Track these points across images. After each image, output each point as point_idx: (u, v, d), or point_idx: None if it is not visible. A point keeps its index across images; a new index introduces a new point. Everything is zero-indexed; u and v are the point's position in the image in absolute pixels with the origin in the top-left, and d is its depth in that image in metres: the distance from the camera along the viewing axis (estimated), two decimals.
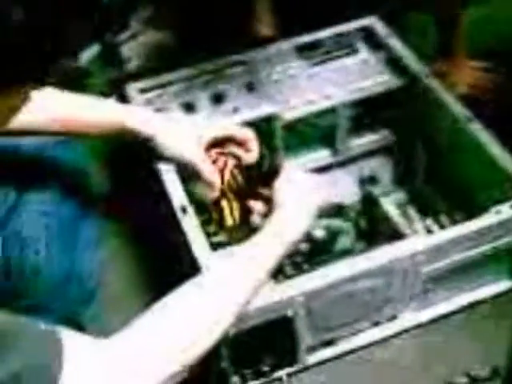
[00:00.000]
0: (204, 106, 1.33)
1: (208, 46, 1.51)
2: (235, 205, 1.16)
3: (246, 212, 1.15)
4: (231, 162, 1.12)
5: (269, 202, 1.09)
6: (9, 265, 1.12)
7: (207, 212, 1.20)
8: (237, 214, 1.15)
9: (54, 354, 0.74)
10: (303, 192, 1.07)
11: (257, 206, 1.11)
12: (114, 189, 1.45)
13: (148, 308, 0.87)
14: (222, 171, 1.12)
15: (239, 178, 1.14)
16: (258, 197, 1.11)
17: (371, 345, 1.17)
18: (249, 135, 1.13)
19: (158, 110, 1.32)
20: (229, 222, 1.15)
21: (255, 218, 1.13)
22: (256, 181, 1.14)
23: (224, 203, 1.16)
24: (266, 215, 1.08)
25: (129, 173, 1.43)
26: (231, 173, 1.13)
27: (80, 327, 0.80)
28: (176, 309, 0.89)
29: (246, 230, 1.13)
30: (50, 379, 0.73)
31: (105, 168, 1.45)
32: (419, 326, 1.19)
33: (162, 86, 1.35)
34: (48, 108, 1.08)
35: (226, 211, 1.16)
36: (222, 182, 1.14)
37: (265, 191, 1.11)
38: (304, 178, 1.10)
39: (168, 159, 1.13)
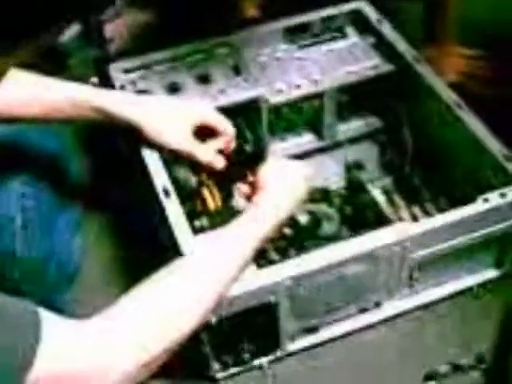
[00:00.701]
0: (189, 87, 1.30)
1: (193, 26, 1.48)
2: (216, 191, 1.15)
3: (229, 196, 1.14)
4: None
5: (253, 185, 1.08)
6: None
7: (190, 198, 1.19)
8: (218, 198, 1.15)
9: (31, 333, 0.74)
10: (288, 176, 1.06)
11: (242, 188, 1.10)
12: (95, 173, 1.42)
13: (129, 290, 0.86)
14: None
15: None
16: (242, 180, 1.10)
17: (355, 332, 1.16)
18: (228, 128, 1.12)
19: (142, 91, 1.29)
20: (211, 206, 1.15)
21: (240, 202, 1.12)
22: (240, 164, 1.13)
23: (205, 188, 1.15)
24: (249, 198, 1.07)
25: (110, 156, 1.41)
26: None
27: (57, 312, 0.79)
28: (159, 289, 0.88)
29: (228, 213, 1.12)
30: (26, 358, 0.72)
31: (85, 152, 1.43)
32: (404, 313, 1.18)
33: (146, 66, 1.33)
34: (8, 90, 1.05)
35: (208, 196, 1.15)
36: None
37: (249, 174, 1.10)
38: (290, 163, 1.10)
39: (151, 145, 1.12)
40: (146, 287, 0.87)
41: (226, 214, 1.13)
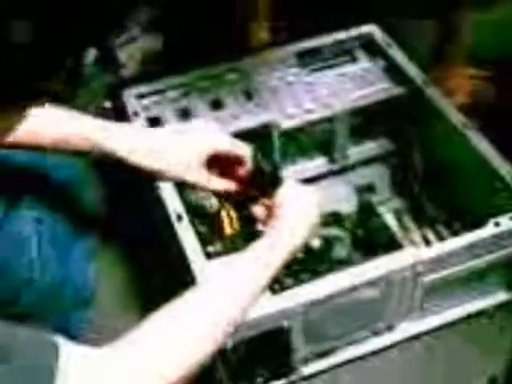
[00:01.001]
0: (201, 113, 1.31)
1: (206, 51, 1.49)
2: (234, 214, 1.16)
3: (246, 222, 1.15)
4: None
5: (269, 210, 1.08)
6: (1, 268, 1.12)
7: (205, 221, 1.20)
8: (235, 223, 1.15)
9: (50, 363, 0.74)
10: (303, 202, 1.07)
11: (257, 213, 1.11)
12: (109, 200, 1.43)
13: (145, 317, 0.87)
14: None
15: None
16: (258, 203, 1.11)
17: (368, 355, 1.16)
18: (243, 152, 1.13)
19: (155, 117, 1.31)
20: (227, 231, 1.15)
21: (255, 227, 1.13)
22: (257, 187, 1.14)
23: (223, 213, 1.16)
24: (265, 223, 1.08)
25: (123, 182, 1.41)
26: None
27: (72, 337, 0.80)
28: (176, 317, 0.88)
29: (243, 239, 1.13)
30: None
31: (98, 179, 1.44)
32: (417, 336, 1.18)
33: (159, 91, 1.34)
34: None
35: (226, 220, 1.15)
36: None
37: (265, 199, 1.11)
38: (304, 189, 1.10)
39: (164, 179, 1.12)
40: (163, 315, 0.88)
41: (241, 239, 1.14)
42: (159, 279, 1.24)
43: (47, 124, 1.09)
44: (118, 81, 1.52)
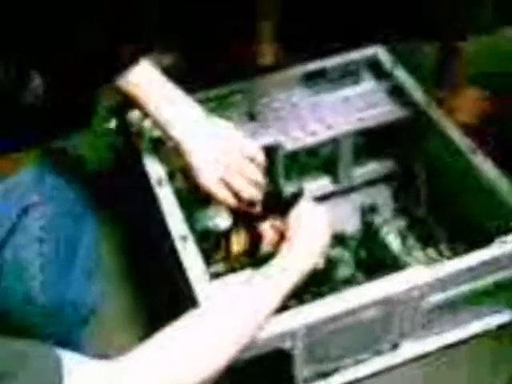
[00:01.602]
0: None
1: (211, 73, 1.51)
2: (244, 233, 1.16)
3: (253, 243, 1.15)
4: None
5: (278, 231, 1.09)
6: (3, 287, 1.12)
7: (210, 241, 1.20)
8: (244, 242, 1.16)
9: (53, 375, 0.75)
10: (318, 226, 1.07)
11: (266, 232, 1.12)
12: (112, 216, 1.44)
13: (146, 339, 0.87)
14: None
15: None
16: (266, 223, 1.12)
17: (371, 376, 1.16)
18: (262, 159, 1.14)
19: (160, 137, 1.32)
20: (235, 251, 1.15)
21: (264, 247, 1.13)
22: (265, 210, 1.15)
23: (233, 231, 1.16)
24: (277, 245, 1.08)
25: (126, 199, 1.43)
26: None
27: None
28: (180, 336, 0.89)
29: (249, 261, 1.13)
30: None
31: (103, 196, 1.45)
32: (420, 356, 1.18)
33: None
34: None
35: (234, 240, 1.16)
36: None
37: (277, 220, 1.12)
38: (318, 211, 1.10)
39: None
40: (172, 332, 0.89)
41: (247, 261, 1.14)
42: (165, 296, 1.24)
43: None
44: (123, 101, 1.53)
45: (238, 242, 1.18)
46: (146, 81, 1.11)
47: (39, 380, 0.74)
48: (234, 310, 0.95)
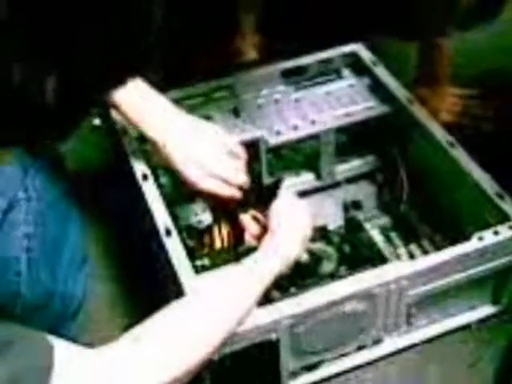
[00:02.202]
0: None
1: (193, 69, 1.51)
2: (226, 229, 1.18)
3: (237, 236, 1.16)
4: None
5: (259, 223, 1.10)
6: None
7: (194, 237, 1.21)
8: (227, 237, 1.17)
9: (45, 360, 0.76)
10: (299, 217, 1.08)
11: (250, 226, 1.13)
12: (98, 209, 1.45)
13: (133, 328, 0.88)
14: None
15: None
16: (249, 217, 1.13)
17: (355, 369, 1.17)
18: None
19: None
20: (218, 245, 1.16)
21: (247, 241, 1.14)
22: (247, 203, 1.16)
23: (215, 227, 1.18)
24: (259, 238, 1.09)
25: (113, 192, 1.43)
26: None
27: None
28: (173, 322, 0.90)
29: (233, 254, 1.14)
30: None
31: (89, 188, 1.46)
32: (403, 350, 1.19)
33: None
34: None
35: (217, 235, 1.17)
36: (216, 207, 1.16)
37: (254, 212, 1.13)
38: (299, 203, 1.12)
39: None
40: (159, 319, 0.89)
41: (231, 254, 1.15)
42: (151, 288, 1.25)
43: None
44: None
45: (221, 238, 1.19)
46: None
47: (28, 364, 0.74)
48: (218, 299, 0.96)
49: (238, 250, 1.16)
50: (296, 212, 1.10)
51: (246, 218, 1.17)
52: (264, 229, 1.11)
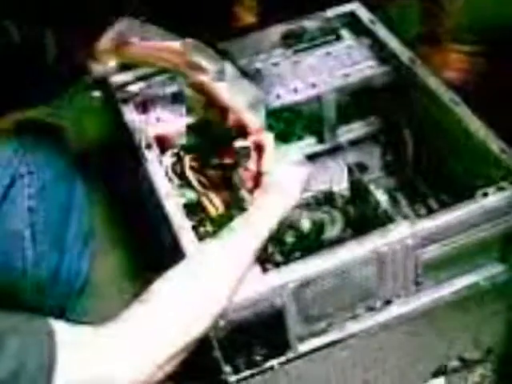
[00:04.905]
0: (190, 94, 1.31)
1: (191, 33, 1.49)
2: (214, 196, 1.18)
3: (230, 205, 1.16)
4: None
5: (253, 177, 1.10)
6: None
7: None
8: (217, 203, 1.17)
9: (47, 347, 0.76)
10: (290, 173, 1.08)
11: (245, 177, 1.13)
12: (101, 181, 1.45)
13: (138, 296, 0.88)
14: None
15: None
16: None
17: (364, 331, 1.17)
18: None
19: (145, 101, 1.32)
20: (212, 212, 1.16)
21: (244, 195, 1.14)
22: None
23: (203, 198, 1.18)
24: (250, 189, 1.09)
25: (116, 163, 1.43)
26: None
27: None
28: (170, 291, 0.90)
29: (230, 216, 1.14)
30: (45, 372, 0.74)
31: (94, 163, 1.46)
32: (412, 311, 1.18)
33: (148, 76, 1.34)
34: None
35: (207, 203, 1.17)
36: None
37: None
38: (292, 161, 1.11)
39: None
40: (158, 291, 0.89)
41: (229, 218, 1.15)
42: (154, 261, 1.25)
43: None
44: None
45: (213, 205, 1.19)
46: None
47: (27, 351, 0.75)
48: (218, 257, 0.97)
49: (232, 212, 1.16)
50: (288, 169, 1.11)
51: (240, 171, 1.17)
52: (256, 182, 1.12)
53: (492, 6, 1.71)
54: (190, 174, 1.22)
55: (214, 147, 1.22)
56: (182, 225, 1.08)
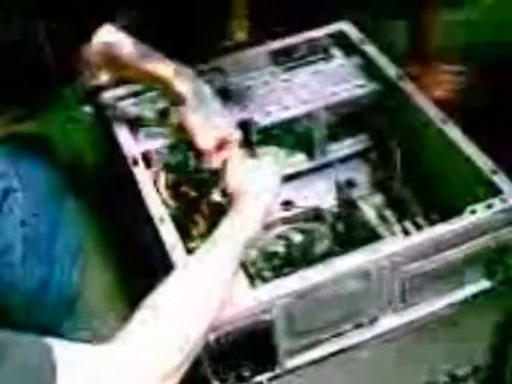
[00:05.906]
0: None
1: (183, 51, 1.50)
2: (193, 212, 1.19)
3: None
4: None
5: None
6: None
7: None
8: (197, 219, 1.18)
9: (47, 364, 0.75)
10: (263, 175, 1.09)
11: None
12: (93, 197, 1.45)
13: (132, 312, 0.88)
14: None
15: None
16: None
17: (352, 347, 1.17)
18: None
19: (136, 117, 1.33)
20: (192, 228, 1.17)
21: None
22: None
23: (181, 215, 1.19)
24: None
25: (107, 178, 1.43)
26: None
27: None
28: (164, 309, 0.90)
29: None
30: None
31: (84, 178, 1.46)
32: (399, 327, 1.19)
33: (138, 93, 1.35)
34: None
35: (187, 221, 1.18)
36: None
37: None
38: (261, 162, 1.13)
39: None
40: (152, 308, 0.89)
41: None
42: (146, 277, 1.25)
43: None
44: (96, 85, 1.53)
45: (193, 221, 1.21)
46: None
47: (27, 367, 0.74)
48: (205, 269, 0.97)
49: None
50: (259, 171, 1.11)
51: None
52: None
53: (479, 25, 1.73)
54: (163, 192, 1.24)
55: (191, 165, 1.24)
56: (174, 244, 1.08)
